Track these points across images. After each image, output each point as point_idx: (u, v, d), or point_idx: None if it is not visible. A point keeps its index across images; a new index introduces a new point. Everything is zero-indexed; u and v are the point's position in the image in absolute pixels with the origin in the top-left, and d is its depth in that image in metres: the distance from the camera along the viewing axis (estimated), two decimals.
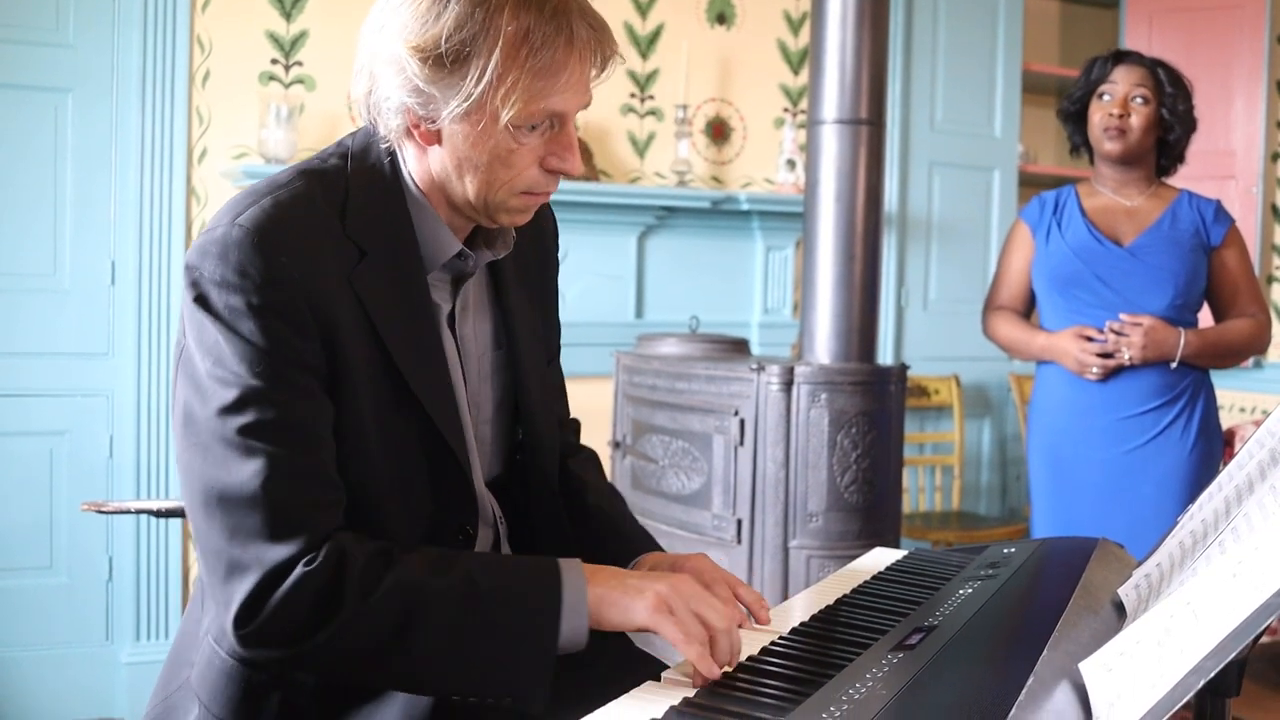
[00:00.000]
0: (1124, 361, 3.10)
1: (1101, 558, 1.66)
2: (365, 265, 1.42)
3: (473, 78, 1.34)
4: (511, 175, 1.43)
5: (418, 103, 1.38)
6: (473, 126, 1.38)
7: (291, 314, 1.34)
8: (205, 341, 1.34)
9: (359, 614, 1.30)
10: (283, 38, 4.10)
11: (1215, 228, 3.19)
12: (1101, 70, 3.23)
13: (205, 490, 1.32)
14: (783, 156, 4.86)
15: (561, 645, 1.34)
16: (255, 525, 1.30)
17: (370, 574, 1.32)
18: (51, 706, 3.85)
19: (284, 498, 1.31)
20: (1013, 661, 1.19)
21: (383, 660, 1.33)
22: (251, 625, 1.30)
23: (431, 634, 1.32)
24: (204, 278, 1.34)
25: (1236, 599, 0.94)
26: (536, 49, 1.34)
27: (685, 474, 3.38)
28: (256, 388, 1.32)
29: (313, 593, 1.30)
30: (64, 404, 3.85)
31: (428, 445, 1.47)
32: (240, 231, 1.34)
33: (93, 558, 3.90)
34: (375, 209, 1.45)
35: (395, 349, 1.42)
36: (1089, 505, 3.20)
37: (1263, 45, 5.22)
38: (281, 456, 1.32)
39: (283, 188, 1.41)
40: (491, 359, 1.61)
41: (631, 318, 4.62)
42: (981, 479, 5.46)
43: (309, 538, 1.31)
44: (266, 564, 1.30)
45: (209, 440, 1.32)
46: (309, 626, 1.30)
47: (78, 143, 3.82)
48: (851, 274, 3.20)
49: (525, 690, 1.33)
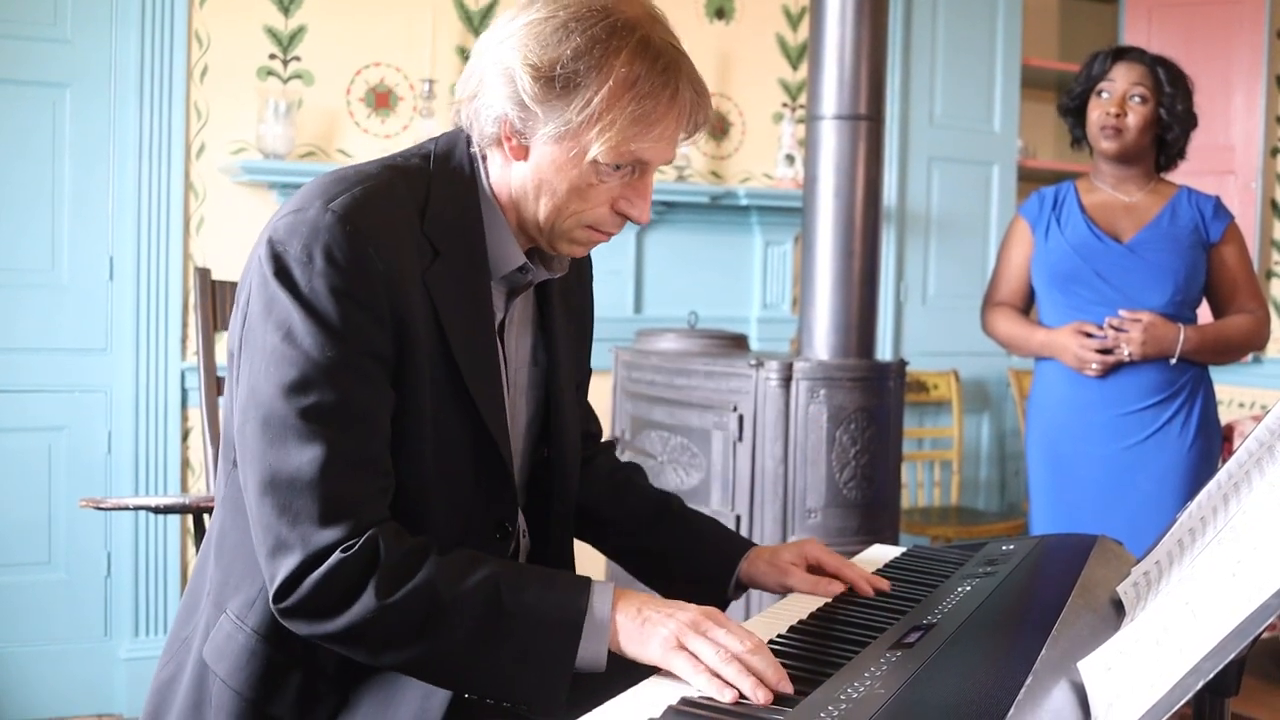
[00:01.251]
0: (1123, 358, 3.10)
1: (1100, 555, 1.66)
2: (438, 265, 1.47)
3: (576, 106, 1.41)
4: (583, 208, 1.49)
5: (519, 116, 1.44)
6: (563, 153, 1.44)
7: (371, 303, 1.39)
8: (277, 315, 1.38)
9: (381, 609, 1.34)
10: (281, 33, 4.09)
11: (1214, 224, 3.18)
12: (1101, 67, 3.23)
13: (263, 468, 1.36)
14: (782, 151, 4.85)
15: (578, 667, 1.37)
16: (306, 508, 1.35)
17: (399, 572, 1.35)
18: (50, 702, 3.85)
19: (337, 485, 1.35)
20: (1011, 660, 1.19)
21: (406, 652, 1.37)
22: (288, 600, 1.35)
23: (449, 639, 1.36)
24: (289, 254, 1.38)
25: (1235, 599, 0.94)
26: (641, 96, 1.41)
27: (684, 470, 3.37)
28: (324, 368, 1.36)
29: (344, 579, 1.34)
30: (62, 400, 3.85)
31: (476, 442, 1.52)
32: (332, 216, 1.38)
33: (91, 554, 3.90)
34: (452, 212, 1.51)
35: (457, 348, 1.47)
36: (1088, 501, 3.19)
37: (1262, 40, 5.22)
38: (339, 443, 1.36)
39: (372, 179, 1.46)
40: (528, 374, 1.66)
41: (630, 313, 4.61)
42: (980, 474, 5.46)
43: (354, 524, 1.35)
44: (311, 546, 1.34)
45: (271, 417, 1.36)
46: (335, 610, 1.34)
47: (76, 138, 3.82)
48: (850, 269, 3.19)
49: (538, 703, 1.36)
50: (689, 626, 1.34)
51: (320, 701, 1.47)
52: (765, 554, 1.76)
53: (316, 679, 1.47)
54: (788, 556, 1.74)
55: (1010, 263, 3.36)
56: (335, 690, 1.47)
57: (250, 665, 1.46)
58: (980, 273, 5.14)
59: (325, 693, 1.47)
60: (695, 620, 1.35)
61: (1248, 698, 3.94)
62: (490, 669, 1.36)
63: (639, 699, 1.23)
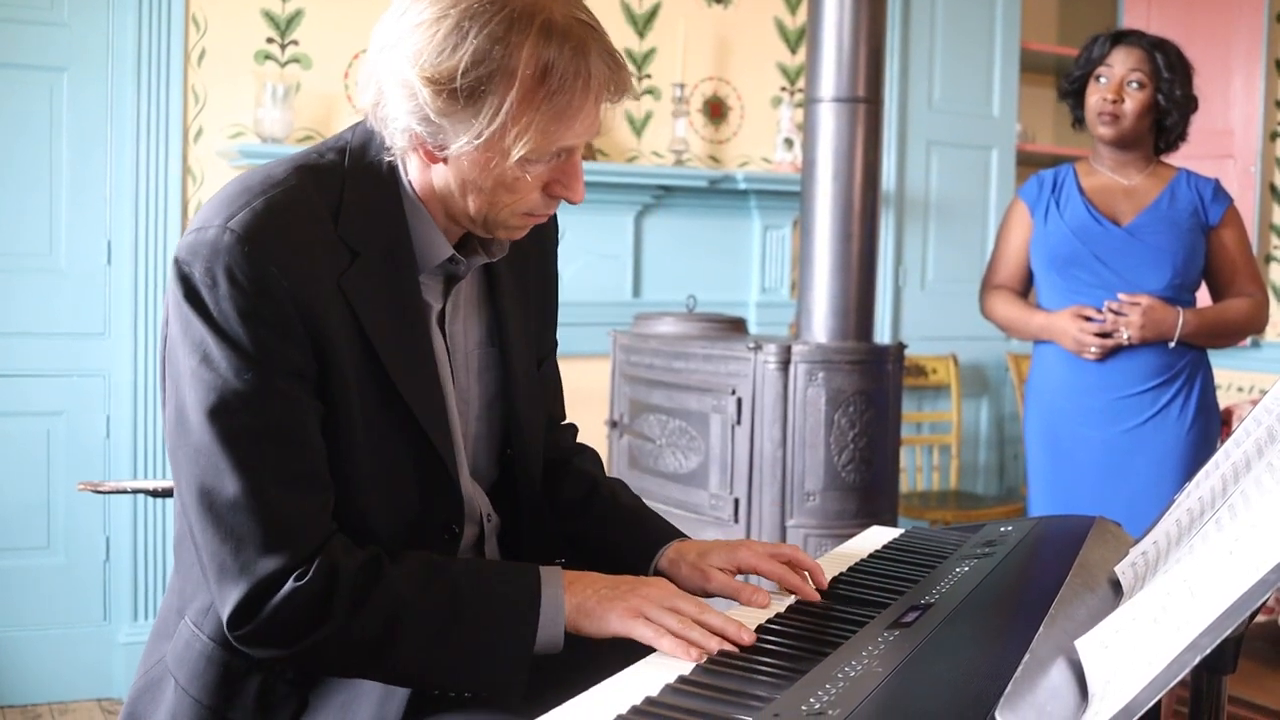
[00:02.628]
0: (1122, 341, 3.10)
1: (1098, 536, 1.66)
2: (356, 267, 1.41)
3: (486, 116, 1.33)
4: (514, 199, 1.43)
5: (426, 131, 1.36)
6: (482, 158, 1.37)
7: (279, 321, 1.34)
8: (192, 338, 1.35)
9: (346, 627, 1.34)
10: (279, 17, 4.08)
11: (1213, 207, 3.18)
12: (1100, 51, 3.22)
13: (198, 492, 1.35)
14: (780, 135, 4.85)
15: (537, 649, 1.39)
16: (246, 533, 1.33)
17: (358, 588, 1.35)
18: (49, 686, 3.86)
19: (274, 507, 1.34)
20: (1009, 639, 1.19)
21: (369, 663, 1.38)
22: (245, 629, 1.34)
23: (415, 642, 1.37)
24: (195, 277, 1.34)
25: (1232, 576, 0.94)
26: (553, 92, 1.33)
27: (682, 453, 3.38)
28: (243, 393, 1.33)
29: (302, 606, 1.33)
30: (60, 384, 3.85)
31: (414, 445, 1.48)
32: (231, 236, 1.33)
33: (90, 538, 3.91)
34: (370, 210, 1.45)
35: (384, 351, 1.42)
36: (1087, 485, 3.20)
37: (1261, 24, 5.20)
38: (270, 464, 1.34)
39: (277, 187, 1.40)
40: (480, 356, 1.61)
41: (629, 297, 4.61)
42: (979, 458, 5.47)
43: (300, 548, 1.34)
44: (258, 574, 1.33)
45: (200, 443, 1.34)
46: (298, 635, 1.34)
47: (73, 122, 3.81)
48: (849, 253, 3.19)
49: (501, 689, 1.38)
50: (645, 597, 1.38)
51: (280, 705, 1.46)
52: (692, 553, 1.62)
53: (275, 682, 1.45)
54: (716, 561, 1.59)
55: (1009, 245, 3.36)
56: (295, 693, 1.46)
57: (208, 672, 1.46)
58: (979, 257, 5.14)
59: (285, 696, 1.46)
60: (649, 591, 1.40)
61: (1245, 680, 3.95)
62: (452, 665, 1.38)
63: (639, 674, 1.23)
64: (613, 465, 3.76)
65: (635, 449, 3.60)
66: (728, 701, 1.15)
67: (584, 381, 4.31)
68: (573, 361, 4.37)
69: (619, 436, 3.70)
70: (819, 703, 1.09)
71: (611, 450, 3.76)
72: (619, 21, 4.62)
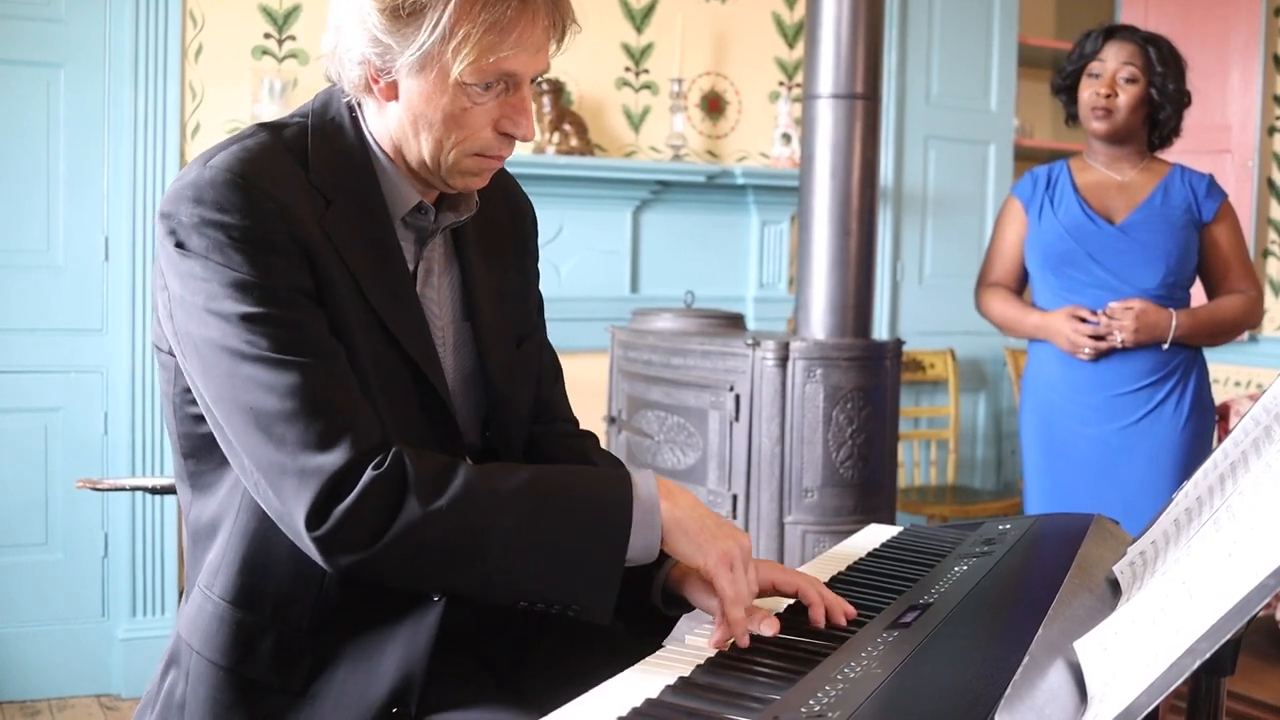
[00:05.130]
0: (1116, 344, 3.11)
1: (1097, 534, 1.66)
2: (333, 212, 1.44)
3: (426, 29, 1.37)
4: (464, 135, 1.44)
5: (375, 53, 1.40)
6: (427, 81, 1.41)
7: (276, 242, 1.36)
8: (195, 279, 1.36)
9: (427, 517, 1.32)
10: (276, 12, 4.07)
11: (1207, 203, 3.19)
12: (1093, 46, 3.23)
13: (244, 417, 1.34)
14: (778, 130, 4.84)
15: (631, 557, 1.37)
16: (303, 435, 1.32)
17: (439, 478, 1.34)
18: (48, 682, 3.86)
19: (327, 406, 1.34)
20: (1008, 640, 1.19)
21: (452, 565, 1.35)
22: (324, 529, 1.31)
23: (500, 540, 1.34)
24: (181, 223, 1.36)
25: (1231, 579, 0.94)
26: (489, 4, 1.36)
27: (681, 450, 3.38)
28: (256, 314, 1.34)
29: (379, 497, 1.32)
30: (58, 380, 3.85)
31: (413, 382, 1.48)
32: (213, 171, 1.37)
33: (88, 534, 3.90)
34: (337, 161, 1.48)
35: (369, 288, 1.44)
36: (1082, 482, 3.21)
37: (1259, 19, 5.20)
38: (304, 370, 1.34)
39: (249, 138, 1.44)
40: (457, 331, 1.61)
41: (627, 292, 4.61)
42: (977, 453, 5.47)
43: (362, 440, 1.34)
44: (325, 470, 1.31)
45: (231, 370, 1.34)
46: (380, 528, 1.32)
47: (70, 118, 3.80)
48: (847, 249, 3.19)
49: (590, 600, 1.36)
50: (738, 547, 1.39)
51: (297, 660, 1.44)
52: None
53: (290, 637, 1.44)
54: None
55: (1004, 243, 3.37)
56: (311, 647, 1.45)
57: (221, 632, 1.45)
58: (977, 252, 5.13)
59: (301, 650, 1.45)
60: (743, 542, 1.40)
61: (1244, 676, 3.95)
62: (541, 570, 1.35)
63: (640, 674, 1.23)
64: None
65: (633, 445, 3.60)
66: (728, 703, 1.15)
67: (582, 377, 4.31)
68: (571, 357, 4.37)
69: (617, 433, 3.70)
70: (819, 704, 1.09)
71: (610, 446, 3.76)
72: (617, 16, 4.61)
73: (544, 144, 4.36)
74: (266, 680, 1.44)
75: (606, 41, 4.60)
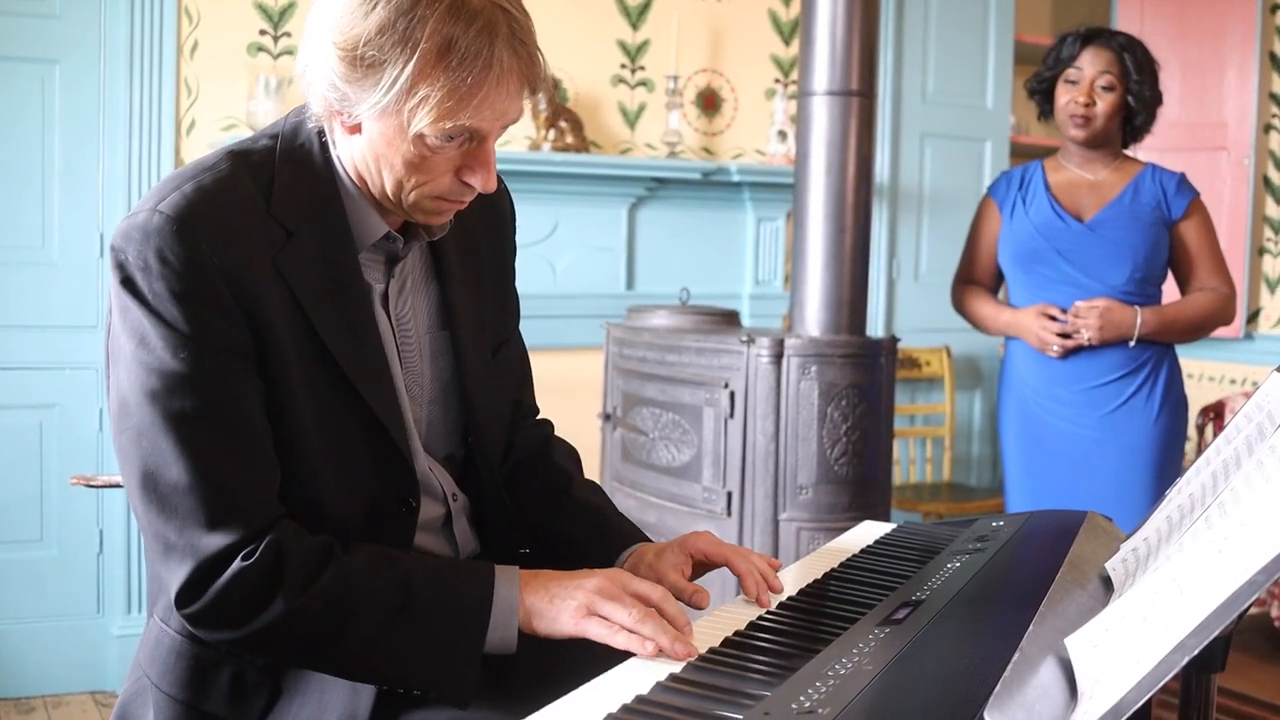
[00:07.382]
0: (1083, 342, 3.16)
1: (1089, 531, 1.67)
2: (291, 247, 1.42)
3: (383, 86, 1.33)
4: (424, 179, 1.42)
5: (335, 96, 1.38)
6: (387, 127, 1.38)
7: (213, 300, 1.35)
8: (130, 324, 1.36)
9: (295, 611, 1.34)
10: (271, 9, 4.07)
11: (1176, 200, 3.22)
12: (1070, 51, 3.27)
13: (141, 475, 1.35)
14: (774, 128, 4.84)
15: (488, 649, 1.38)
16: (190, 512, 1.34)
17: (308, 571, 1.35)
18: (43, 679, 3.86)
19: (218, 485, 1.34)
20: (999, 636, 1.19)
21: (317, 651, 1.37)
22: (193, 608, 1.35)
23: (364, 632, 1.36)
24: (129, 262, 1.36)
25: (1221, 575, 0.95)
26: (452, 68, 1.32)
27: (675, 446, 3.38)
28: (181, 374, 1.34)
29: (249, 585, 1.33)
30: (53, 377, 3.84)
31: (363, 421, 1.48)
32: (161, 218, 1.35)
33: (83, 530, 3.90)
34: (302, 189, 1.46)
35: (324, 329, 1.43)
36: (1060, 475, 3.28)
37: (1255, 17, 5.20)
38: (212, 443, 1.35)
39: (207, 171, 1.42)
40: (433, 340, 1.61)
41: (622, 289, 4.60)
42: (972, 450, 5.47)
43: (245, 526, 1.35)
44: (202, 552, 1.33)
45: (141, 425, 1.35)
46: (246, 616, 1.34)
47: (65, 114, 3.80)
48: (842, 245, 3.20)
49: (450, 688, 1.37)
50: (596, 593, 1.37)
51: (253, 693, 1.46)
52: (650, 554, 1.61)
53: (246, 671, 1.45)
54: (670, 559, 1.58)
55: (979, 242, 3.43)
56: (267, 679, 1.46)
57: (178, 666, 1.46)
58: None
59: (257, 683, 1.46)
60: (601, 585, 1.38)
61: (1235, 672, 3.96)
62: (400, 662, 1.37)
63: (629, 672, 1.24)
64: (605, 458, 3.76)
65: (628, 442, 3.60)
66: (719, 699, 1.15)
67: (577, 374, 4.32)
68: (565, 354, 4.40)
69: (612, 429, 3.70)
70: (809, 701, 1.09)
71: (604, 443, 3.76)
72: (613, 13, 4.61)
73: (539, 141, 4.36)
74: (223, 715, 1.45)
75: (602, 38, 4.59)
